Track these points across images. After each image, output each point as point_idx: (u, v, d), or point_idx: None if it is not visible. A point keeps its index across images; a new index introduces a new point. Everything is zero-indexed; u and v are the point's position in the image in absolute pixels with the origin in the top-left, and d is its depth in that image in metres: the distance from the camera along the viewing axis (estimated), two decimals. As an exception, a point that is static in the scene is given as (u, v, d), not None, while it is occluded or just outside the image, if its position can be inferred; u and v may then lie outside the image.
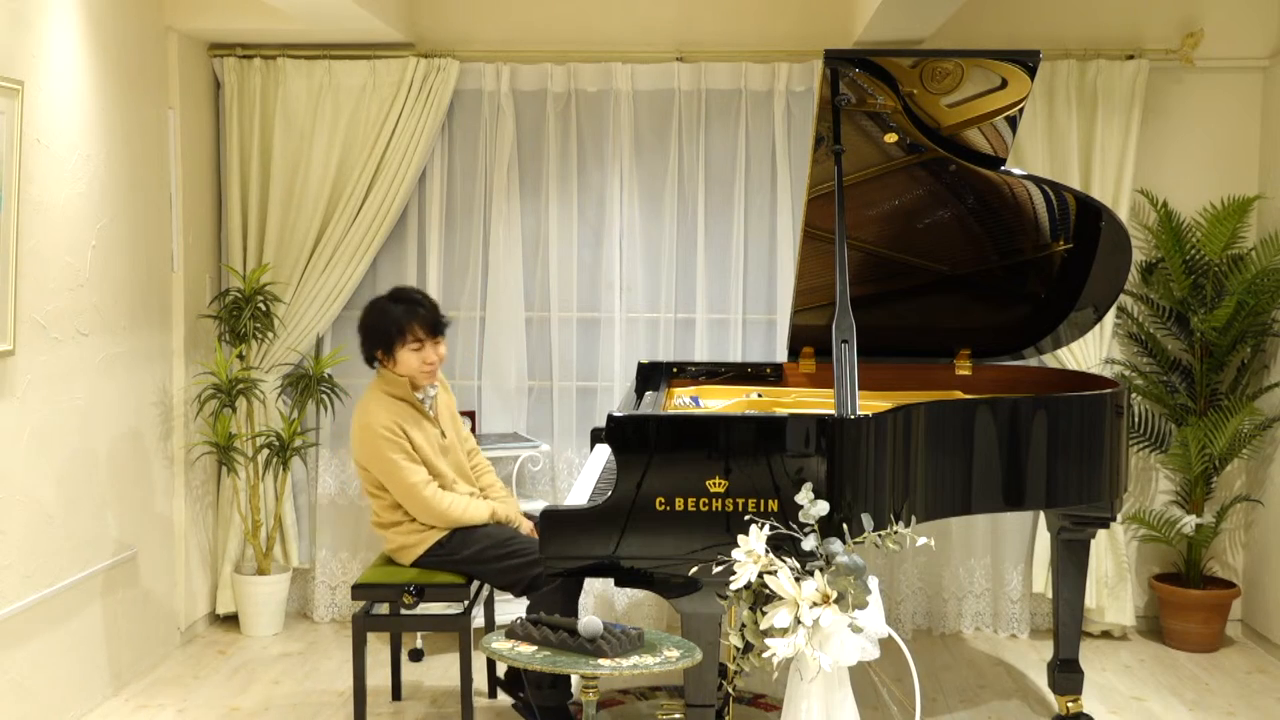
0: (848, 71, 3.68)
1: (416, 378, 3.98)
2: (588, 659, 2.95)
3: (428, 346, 3.96)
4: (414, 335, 3.93)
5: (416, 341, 3.94)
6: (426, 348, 3.96)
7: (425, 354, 3.96)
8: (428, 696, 4.49)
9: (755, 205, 5.22)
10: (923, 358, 4.50)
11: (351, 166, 5.15)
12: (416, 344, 3.94)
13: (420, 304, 3.99)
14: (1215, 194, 5.11)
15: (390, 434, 3.87)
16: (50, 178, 3.95)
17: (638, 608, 5.27)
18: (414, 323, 3.94)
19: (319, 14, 4.58)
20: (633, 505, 3.25)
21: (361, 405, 3.99)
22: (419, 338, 3.94)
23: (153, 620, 4.74)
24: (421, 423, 3.98)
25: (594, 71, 5.19)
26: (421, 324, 3.95)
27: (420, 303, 4.00)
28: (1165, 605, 5.12)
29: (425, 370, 3.97)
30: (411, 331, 3.93)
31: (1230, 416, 4.90)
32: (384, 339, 3.96)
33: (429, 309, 3.99)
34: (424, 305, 3.99)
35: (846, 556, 2.95)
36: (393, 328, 3.94)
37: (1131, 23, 5.13)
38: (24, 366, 3.82)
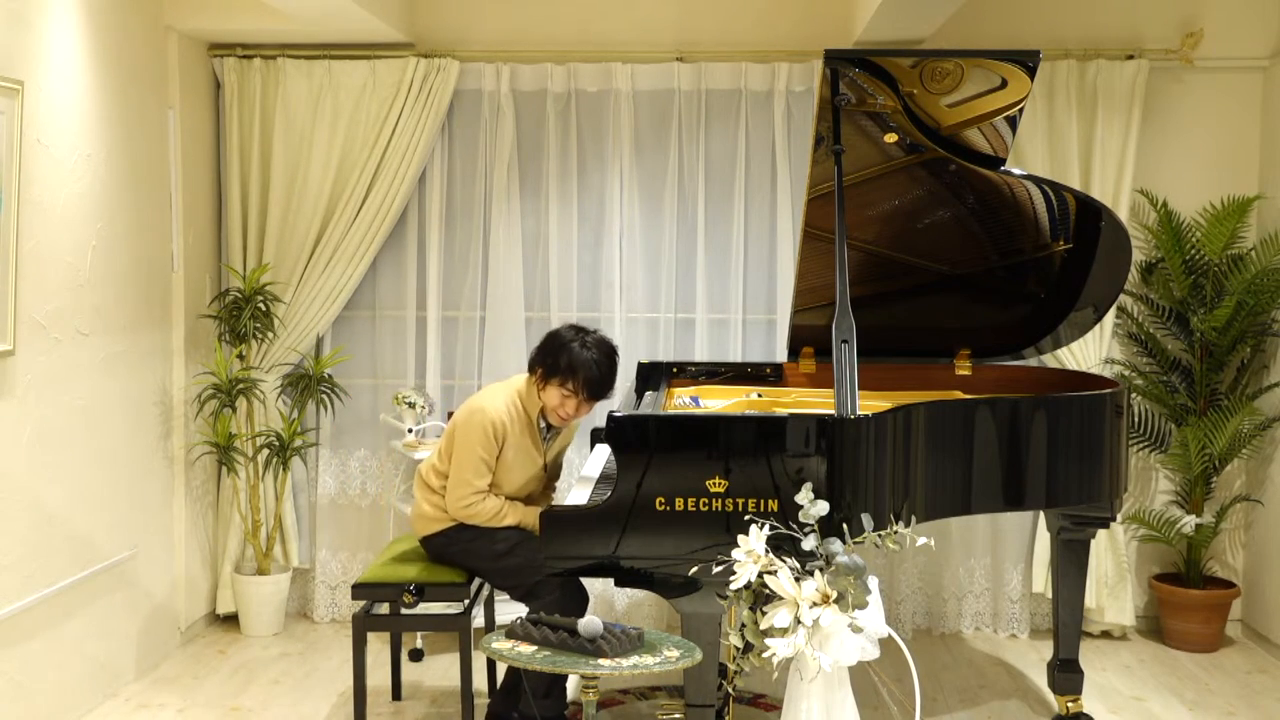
0: (848, 71, 3.68)
1: (550, 417, 3.90)
2: (588, 659, 2.95)
3: (579, 402, 3.84)
4: (574, 384, 3.80)
5: (570, 391, 3.81)
6: (577, 402, 3.84)
7: (569, 406, 3.84)
8: (428, 696, 4.49)
9: (755, 205, 5.22)
10: (923, 358, 4.50)
11: (351, 166, 5.15)
12: (569, 392, 3.81)
13: (599, 365, 3.81)
14: (1215, 194, 5.11)
15: (493, 431, 3.81)
16: (50, 178, 3.95)
17: (638, 608, 5.27)
18: (582, 375, 3.79)
19: (319, 14, 4.58)
20: (633, 505, 3.25)
21: (491, 390, 3.95)
22: (575, 390, 3.81)
23: (153, 620, 4.74)
24: (526, 441, 3.90)
25: (594, 71, 5.19)
26: (587, 382, 3.80)
27: (600, 364, 3.81)
28: (1165, 605, 5.12)
29: (560, 416, 3.87)
30: (574, 379, 3.79)
31: (1230, 416, 4.90)
32: (552, 365, 3.83)
33: (603, 373, 3.82)
34: (601, 367, 3.81)
35: (846, 556, 2.95)
36: (564, 363, 3.80)
37: (1131, 23, 5.13)
38: (24, 366, 3.82)
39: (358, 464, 5.37)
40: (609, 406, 5.01)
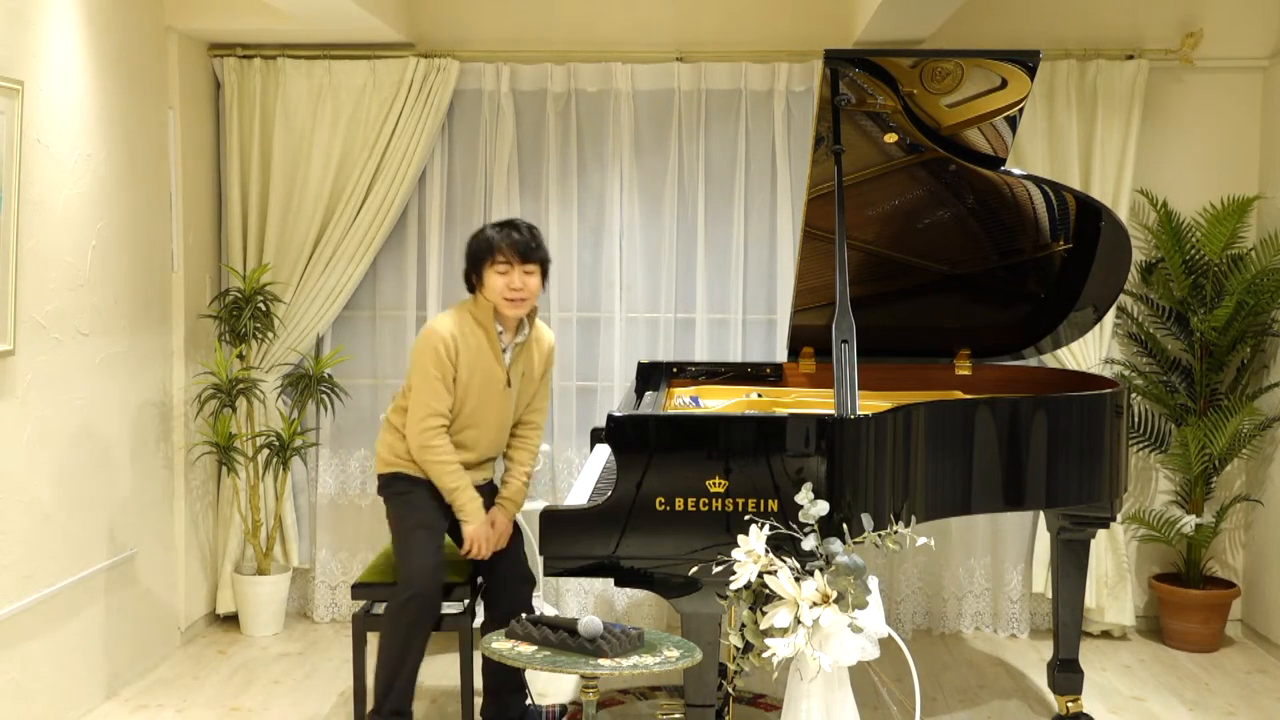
0: (848, 71, 3.68)
1: (501, 305, 3.79)
2: (588, 659, 2.95)
3: (515, 271, 3.76)
4: (502, 256, 3.76)
5: (504, 264, 3.76)
6: (514, 273, 3.76)
7: (511, 279, 3.76)
8: (428, 696, 4.49)
9: (755, 205, 5.22)
10: (923, 358, 4.50)
11: (351, 166, 5.15)
12: (503, 266, 3.76)
13: (517, 229, 3.81)
14: (1215, 194, 5.11)
15: (443, 348, 3.76)
16: (50, 178, 3.95)
17: (638, 608, 5.27)
18: (504, 245, 3.77)
19: (319, 14, 4.58)
20: (633, 505, 3.25)
21: (440, 315, 3.93)
22: (506, 260, 3.76)
23: (153, 620, 4.74)
24: (485, 357, 3.83)
25: (594, 71, 5.19)
26: (511, 246, 3.76)
27: (517, 228, 3.82)
28: (1165, 605, 5.12)
29: (509, 297, 3.77)
30: (500, 252, 3.76)
31: (1230, 416, 4.90)
32: (475, 258, 3.82)
33: (525, 236, 3.80)
34: (520, 231, 3.80)
35: (846, 556, 2.95)
36: (483, 246, 3.80)
37: (1131, 23, 5.13)
38: (24, 366, 3.82)
39: (358, 464, 5.37)
40: (608, 407, 5.03)
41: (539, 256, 3.82)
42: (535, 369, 3.98)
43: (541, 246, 3.85)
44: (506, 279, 3.77)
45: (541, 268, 3.84)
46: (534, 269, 3.80)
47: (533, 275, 3.80)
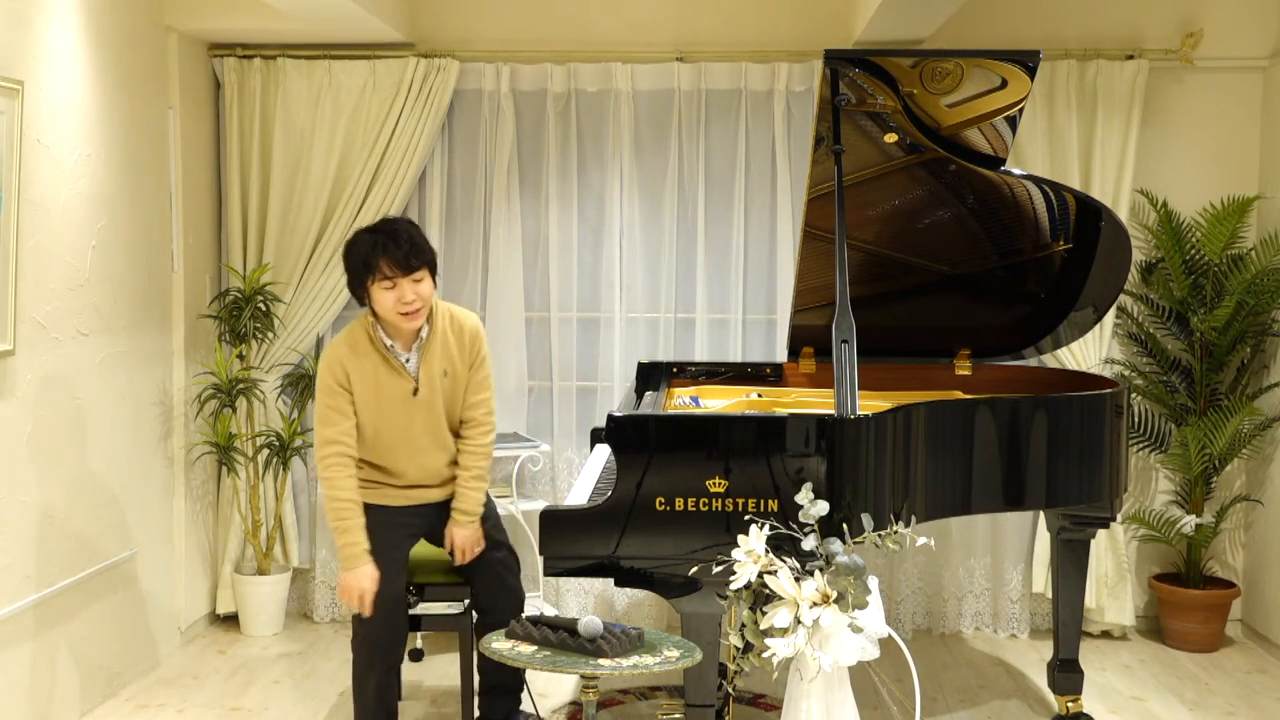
0: (848, 71, 3.68)
1: (396, 321, 3.50)
2: (588, 659, 2.95)
3: (402, 284, 3.44)
4: (384, 272, 3.43)
5: (387, 279, 3.44)
6: (401, 285, 3.45)
7: (401, 293, 3.45)
8: (428, 696, 4.49)
9: (755, 205, 5.22)
10: (923, 358, 4.49)
11: (351, 166, 5.15)
12: (387, 281, 3.44)
13: (394, 238, 3.44)
14: (1215, 194, 5.11)
15: (328, 374, 3.50)
16: (50, 178, 3.95)
17: (638, 608, 5.27)
18: (382, 258, 3.42)
19: (319, 14, 4.58)
20: (633, 505, 3.25)
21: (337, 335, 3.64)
22: (388, 274, 3.43)
23: (153, 620, 4.74)
24: (381, 371, 3.54)
25: (594, 71, 5.19)
26: (390, 259, 3.42)
27: (395, 233, 3.45)
28: (1165, 605, 5.12)
29: (403, 312, 3.47)
30: (379, 268, 3.43)
31: (1230, 416, 4.90)
32: (355, 274, 3.49)
33: (404, 246, 3.43)
34: (399, 240, 3.44)
35: (846, 556, 2.95)
36: (360, 263, 3.46)
37: (1131, 23, 5.13)
38: (24, 366, 3.82)
39: (358, 464, 5.36)
40: (608, 408, 5.03)
41: (424, 261, 3.50)
42: (457, 363, 3.66)
43: (424, 249, 3.51)
44: (396, 294, 3.46)
45: (429, 270, 3.53)
46: (422, 275, 3.49)
47: (422, 281, 3.49)
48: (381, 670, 3.63)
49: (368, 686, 3.63)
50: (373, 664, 3.62)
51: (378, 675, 3.63)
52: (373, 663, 3.62)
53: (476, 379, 3.70)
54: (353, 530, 3.52)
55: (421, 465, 3.68)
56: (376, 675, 3.62)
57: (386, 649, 3.63)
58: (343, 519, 3.52)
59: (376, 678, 3.62)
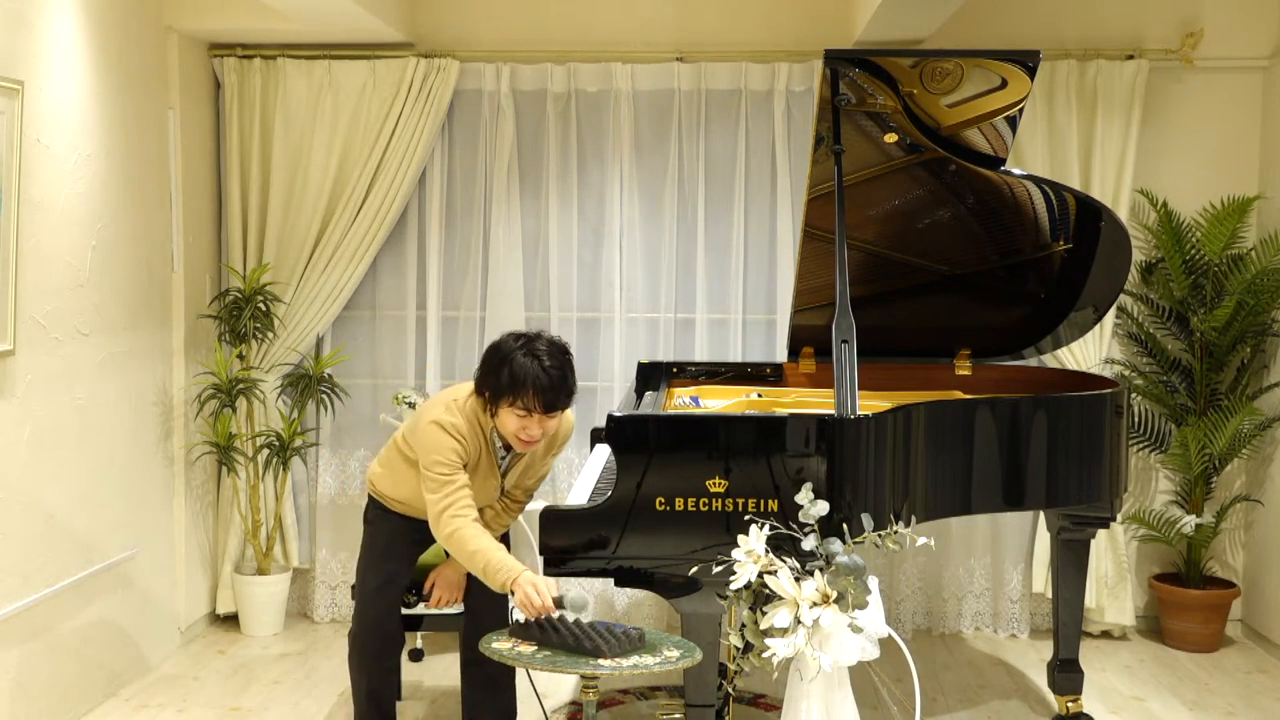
0: (848, 71, 3.68)
1: (510, 441, 3.41)
2: (588, 659, 2.95)
3: (534, 420, 3.32)
4: (526, 401, 3.29)
5: (524, 409, 3.30)
6: (532, 420, 3.32)
7: (528, 426, 3.33)
8: (428, 696, 4.49)
9: (755, 205, 5.22)
10: (923, 358, 4.49)
11: (351, 166, 5.15)
12: (524, 411, 3.31)
13: (550, 372, 3.29)
14: (1215, 194, 5.11)
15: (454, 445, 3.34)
16: (50, 178, 3.95)
17: (638, 608, 5.27)
18: (534, 393, 3.28)
19: (319, 14, 4.58)
20: (633, 505, 3.25)
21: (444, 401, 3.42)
22: (529, 407, 3.30)
23: (153, 620, 4.74)
24: (482, 460, 3.47)
25: (594, 71, 5.19)
26: (538, 394, 3.28)
27: (551, 370, 3.30)
28: (1165, 605, 5.12)
29: (522, 440, 3.37)
30: (525, 395, 3.28)
31: (1230, 416, 4.90)
32: (496, 384, 3.32)
33: (554, 380, 3.29)
34: (553, 374, 3.29)
35: (846, 556, 2.95)
36: (508, 378, 3.30)
37: (1131, 23, 5.13)
38: (24, 366, 3.82)
39: (358, 464, 5.37)
40: (608, 408, 5.03)
41: (566, 404, 3.38)
42: (538, 453, 3.58)
43: (571, 393, 3.37)
44: (523, 423, 3.33)
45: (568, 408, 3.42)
46: (557, 414, 3.37)
47: (553, 419, 3.37)
48: (375, 673, 3.63)
49: (360, 687, 3.64)
50: (364, 668, 3.63)
51: (369, 678, 3.63)
52: (364, 666, 3.62)
53: (544, 467, 3.67)
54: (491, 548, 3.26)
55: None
56: (368, 678, 3.63)
57: (376, 655, 3.62)
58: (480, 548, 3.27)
59: (368, 680, 3.63)
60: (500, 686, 3.75)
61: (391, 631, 3.65)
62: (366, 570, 3.66)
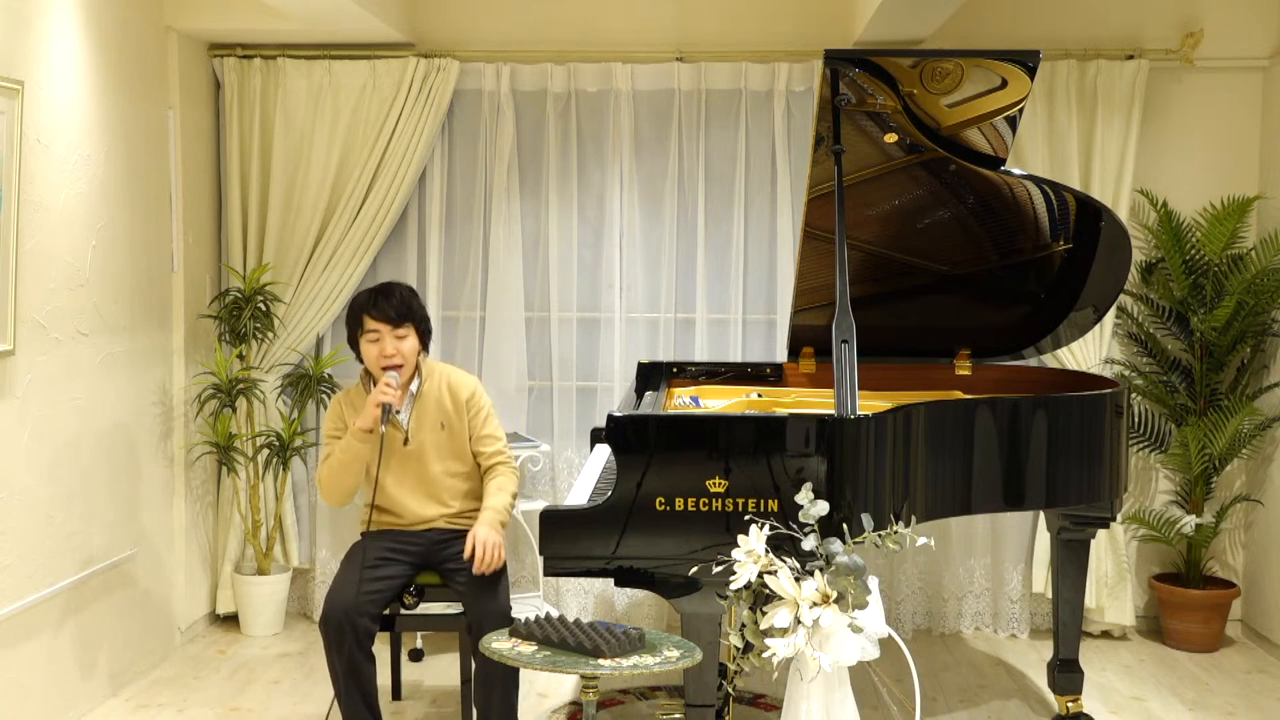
0: (848, 71, 3.68)
1: (377, 374, 3.77)
2: (588, 659, 2.95)
3: (386, 338, 3.74)
4: (370, 325, 3.75)
5: (372, 331, 3.75)
6: (384, 339, 3.74)
7: (383, 345, 3.74)
8: (428, 696, 4.49)
9: (755, 205, 5.22)
10: (923, 358, 4.50)
11: (351, 166, 5.15)
12: (373, 334, 3.75)
13: (386, 292, 3.77)
14: (1215, 194, 5.11)
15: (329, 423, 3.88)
16: (50, 178, 3.95)
17: (638, 608, 5.27)
18: (369, 310, 3.75)
19: (319, 14, 4.58)
20: (633, 505, 3.25)
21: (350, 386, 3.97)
22: (374, 327, 3.74)
23: (152, 620, 4.74)
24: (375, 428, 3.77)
25: (594, 71, 5.20)
26: (377, 312, 3.74)
27: (388, 291, 3.78)
28: (1165, 605, 5.12)
29: (384, 366, 3.74)
30: (365, 320, 3.75)
31: (1230, 416, 4.90)
32: (350, 331, 3.84)
33: (395, 298, 3.76)
34: (390, 294, 3.77)
35: (846, 556, 2.95)
36: (352, 317, 3.80)
37: (1131, 23, 5.13)
38: (24, 366, 3.82)
39: (358, 464, 5.36)
40: (608, 408, 5.03)
41: (411, 318, 3.78)
42: (453, 418, 3.86)
43: (413, 310, 3.79)
44: (378, 346, 3.75)
45: (417, 328, 3.80)
46: (405, 332, 3.77)
47: (405, 338, 3.77)
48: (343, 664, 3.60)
49: (336, 676, 3.64)
50: (332, 656, 3.63)
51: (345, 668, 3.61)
52: (332, 655, 3.63)
53: (482, 432, 3.90)
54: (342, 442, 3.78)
55: (415, 511, 3.86)
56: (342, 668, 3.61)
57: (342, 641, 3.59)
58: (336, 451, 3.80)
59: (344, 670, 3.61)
60: (502, 686, 3.75)
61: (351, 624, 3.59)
62: (341, 568, 3.79)
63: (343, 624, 3.60)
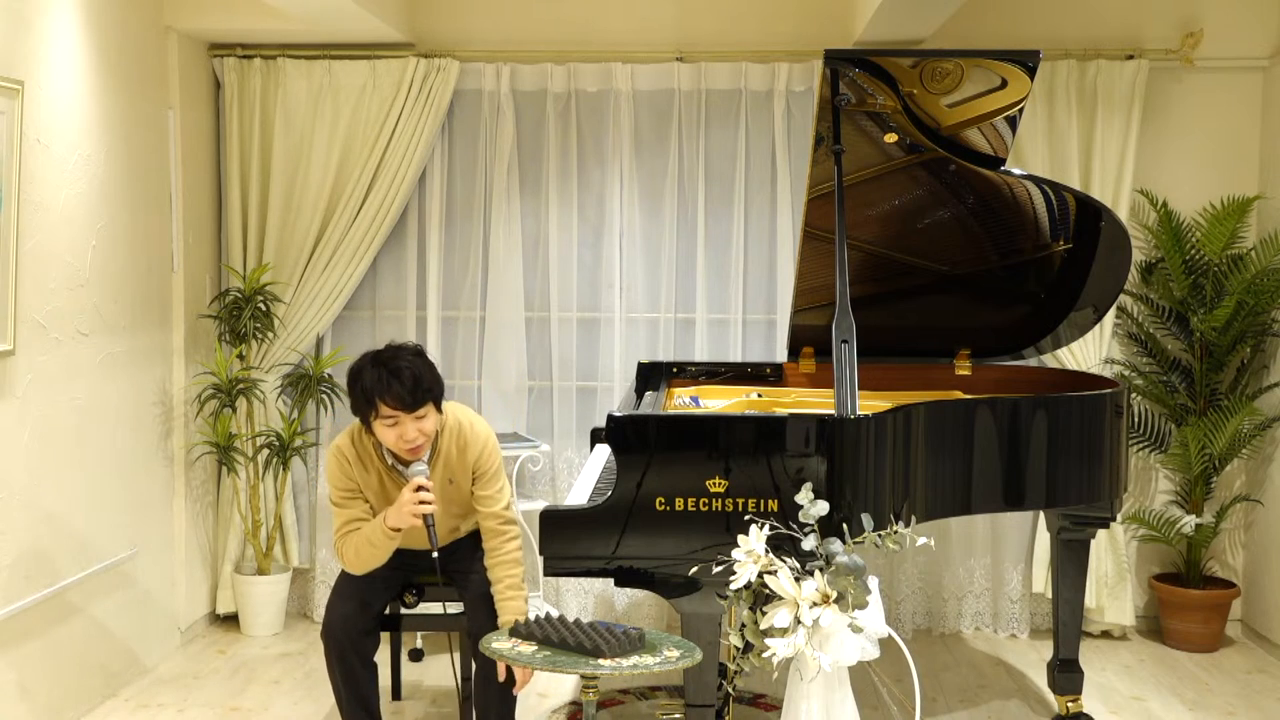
0: (848, 71, 3.68)
1: (400, 454, 3.50)
2: (588, 659, 2.95)
3: (405, 422, 3.40)
4: (386, 410, 3.39)
5: (389, 417, 3.40)
6: (404, 423, 3.40)
7: (403, 431, 3.40)
8: (428, 696, 4.49)
9: (755, 205, 5.22)
10: (923, 358, 4.50)
11: (351, 166, 5.15)
12: (389, 419, 3.40)
13: (398, 372, 3.37)
14: (1215, 194, 5.11)
15: (338, 478, 3.56)
16: (50, 178, 3.95)
17: (638, 608, 5.27)
18: (384, 397, 3.36)
19: (319, 14, 4.58)
20: (633, 505, 3.25)
21: (355, 427, 3.59)
22: (390, 414, 3.39)
23: (153, 620, 4.74)
24: (386, 480, 3.58)
25: (594, 71, 5.20)
26: (393, 398, 3.36)
27: (399, 370, 3.37)
28: (1165, 605, 5.12)
29: (407, 449, 3.45)
30: (381, 407, 3.38)
31: (1230, 416, 4.90)
32: (356, 403, 3.45)
33: (407, 378, 3.36)
34: (401, 374, 3.36)
35: (846, 556, 2.95)
36: (362, 398, 3.40)
37: (1131, 23, 5.13)
38: (24, 366, 3.82)
39: (358, 464, 5.36)
40: (608, 408, 5.03)
41: (428, 398, 3.42)
42: (458, 475, 3.62)
43: (428, 385, 3.41)
44: (398, 431, 3.42)
45: (434, 404, 3.46)
46: (425, 412, 3.42)
47: (425, 418, 3.43)
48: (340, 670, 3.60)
49: (334, 681, 3.65)
50: (330, 662, 3.62)
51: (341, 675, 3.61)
52: (330, 661, 3.62)
53: (486, 493, 3.63)
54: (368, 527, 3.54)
55: (417, 542, 3.63)
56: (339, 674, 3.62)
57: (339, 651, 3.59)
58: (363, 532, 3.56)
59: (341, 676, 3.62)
60: (501, 686, 3.75)
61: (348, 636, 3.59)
62: (338, 582, 3.74)
63: (342, 639, 3.59)
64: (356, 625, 3.61)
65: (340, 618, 3.60)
